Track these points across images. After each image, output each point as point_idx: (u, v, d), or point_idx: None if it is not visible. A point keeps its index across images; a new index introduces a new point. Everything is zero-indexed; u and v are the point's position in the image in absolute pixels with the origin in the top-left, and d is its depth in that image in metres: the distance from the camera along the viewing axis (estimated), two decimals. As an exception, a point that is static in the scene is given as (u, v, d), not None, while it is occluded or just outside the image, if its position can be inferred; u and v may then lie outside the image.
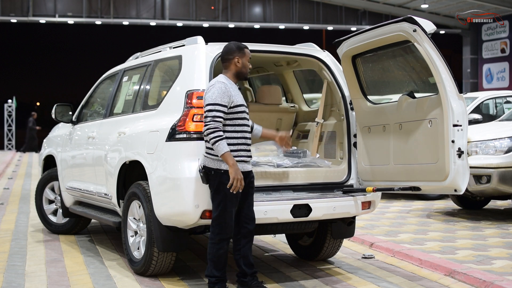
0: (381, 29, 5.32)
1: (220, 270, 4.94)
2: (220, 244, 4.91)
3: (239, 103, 4.89)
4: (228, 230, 4.90)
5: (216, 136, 4.71)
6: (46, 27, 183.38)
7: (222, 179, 4.81)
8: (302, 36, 24.50)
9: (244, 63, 5.00)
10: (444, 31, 33.53)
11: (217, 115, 4.76)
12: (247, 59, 5.01)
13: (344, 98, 5.87)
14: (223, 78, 4.95)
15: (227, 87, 4.86)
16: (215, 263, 4.92)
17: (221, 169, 4.82)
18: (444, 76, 4.95)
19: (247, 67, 5.02)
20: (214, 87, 4.84)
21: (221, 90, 4.82)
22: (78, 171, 7.18)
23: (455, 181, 4.97)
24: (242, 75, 5.02)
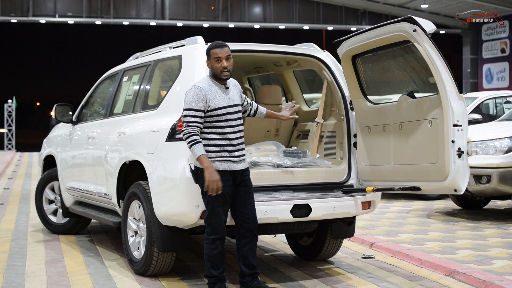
0: (381, 29, 5.32)
1: (218, 270, 4.93)
2: (213, 244, 4.88)
3: (217, 106, 4.83)
4: (220, 229, 4.87)
5: (191, 141, 4.73)
6: (46, 27, 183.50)
7: None
8: (302, 36, 24.50)
9: (212, 64, 4.89)
10: (444, 31, 33.54)
11: (191, 120, 4.77)
12: (214, 60, 4.86)
13: (344, 98, 5.87)
14: (204, 81, 4.92)
15: (203, 91, 4.81)
16: (211, 263, 4.91)
17: None
18: (444, 76, 4.95)
19: (218, 68, 4.85)
20: (190, 91, 4.85)
21: (196, 95, 4.80)
22: (78, 171, 7.18)
23: (455, 181, 4.97)
24: (216, 77, 4.91)
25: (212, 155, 4.83)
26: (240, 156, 4.94)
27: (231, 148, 4.88)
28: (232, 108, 4.92)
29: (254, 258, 5.08)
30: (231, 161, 4.88)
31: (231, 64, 4.91)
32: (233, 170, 4.89)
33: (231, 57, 4.93)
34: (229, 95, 4.94)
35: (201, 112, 4.80)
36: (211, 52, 4.89)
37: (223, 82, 4.95)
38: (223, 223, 4.89)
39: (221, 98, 4.88)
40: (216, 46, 4.90)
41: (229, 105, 4.90)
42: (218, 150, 4.85)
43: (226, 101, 4.90)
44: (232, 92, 4.99)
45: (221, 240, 4.91)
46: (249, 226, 4.99)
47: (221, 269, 4.95)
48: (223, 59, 4.86)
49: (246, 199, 4.98)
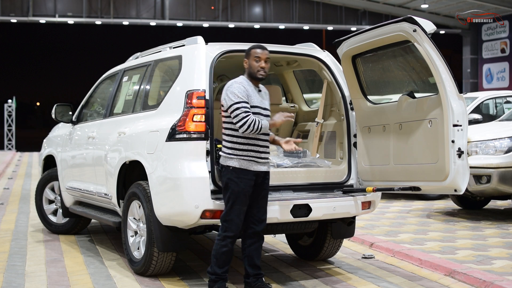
0: (381, 29, 5.32)
1: (222, 268, 4.93)
2: (224, 241, 4.89)
3: (253, 104, 4.91)
4: (234, 228, 4.88)
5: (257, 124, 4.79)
6: (46, 27, 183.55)
7: (230, 176, 4.85)
8: (302, 36, 24.50)
9: (250, 63, 4.99)
10: (444, 31, 33.55)
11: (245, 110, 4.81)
12: (253, 59, 4.98)
13: (344, 98, 5.87)
14: (240, 79, 5.02)
15: (244, 86, 4.93)
16: (217, 260, 4.92)
17: (229, 166, 4.86)
18: (444, 76, 4.95)
19: (255, 67, 4.96)
20: (231, 87, 4.92)
21: (240, 89, 4.90)
22: (78, 171, 7.18)
23: (455, 181, 4.97)
24: (252, 76, 5.00)
25: (239, 152, 4.87)
26: (265, 158, 4.98)
27: (258, 149, 4.92)
28: (263, 110, 4.99)
29: (259, 259, 5.09)
30: (256, 161, 4.91)
31: (268, 67, 5.02)
32: (256, 171, 4.91)
33: (269, 61, 5.04)
34: (260, 98, 5.03)
35: (247, 104, 4.86)
36: (252, 52, 5.00)
37: (257, 83, 5.03)
38: (239, 223, 4.89)
39: (256, 97, 4.97)
40: (258, 47, 5.04)
41: (261, 106, 4.99)
42: (245, 149, 4.88)
43: (259, 101, 4.99)
44: (264, 98, 5.09)
45: (232, 239, 4.90)
46: (257, 229, 5.00)
47: (225, 268, 4.95)
48: (262, 60, 4.97)
49: (262, 202, 5.01)
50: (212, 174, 5.13)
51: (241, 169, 4.85)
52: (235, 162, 4.86)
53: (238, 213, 4.88)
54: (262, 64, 4.96)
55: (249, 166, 4.88)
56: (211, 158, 5.14)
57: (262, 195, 5.01)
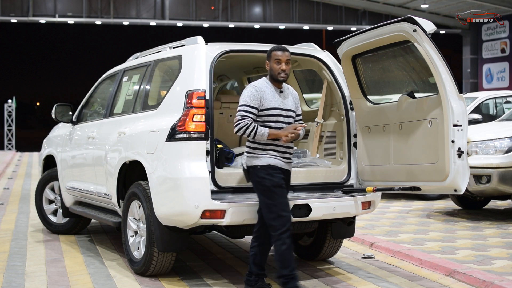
0: (381, 29, 5.32)
1: (287, 268, 4.84)
2: (280, 239, 4.81)
3: (270, 106, 4.92)
4: (284, 222, 4.80)
5: (252, 128, 4.82)
6: (46, 27, 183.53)
7: (260, 174, 4.87)
8: (302, 36, 24.49)
9: (271, 66, 4.99)
10: (444, 31, 33.55)
11: (245, 114, 4.86)
12: (274, 62, 4.97)
13: (344, 98, 5.87)
14: (260, 81, 5.03)
15: (258, 90, 4.93)
16: (281, 262, 4.86)
17: (257, 165, 4.88)
18: (444, 76, 4.95)
19: (276, 70, 4.96)
20: (246, 90, 4.97)
21: (251, 93, 4.92)
22: (78, 171, 7.18)
23: (455, 181, 4.97)
24: (274, 78, 5.00)
25: (263, 152, 4.90)
26: (289, 159, 5.02)
27: (280, 149, 4.94)
28: (284, 112, 4.98)
29: (266, 258, 5.08)
30: (281, 160, 4.95)
31: (289, 68, 5.01)
32: (283, 168, 4.96)
33: (290, 62, 5.04)
34: (283, 99, 5.02)
35: (254, 109, 4.89)
36: (272, 54, 5.00)
37: (279, 85, 5.03)
38: (287, 215, 4.84)
39: (275, 99, 4.96)
40: (278, 49, 5.02)
41: (282, 108, 4.97)
42: (268, 149, 4.91)
43: (279, 103, 4.98)
44: (288, 98, 5.07)
45: (287, 233, 4.82)
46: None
47: (291, 266, 4.85)
48: (283, 62, 4.97)
49: None
50: (212, 174, 5.13)
51: (270, 165, 4.88)
52: (263, 159, 4.88)
53: (282, 207, 4.83)
54: (282, 66, 4.96)
55: (277, 163, 4.90)
56: (211, 158, 5.14)
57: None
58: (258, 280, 5.03)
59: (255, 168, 4.90)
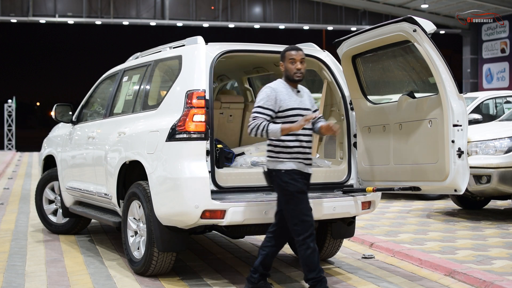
0: (381, 29, 5.32)
1: (314, 271, 4.84)
2: (304, 244, 4.81)
3: (289, 106, 4.86)
4: (308, 227, 4.80)
5: (263, 126, 4.75)
6: (46, 27, 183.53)
7: (284, 179, 4.82)
8: (302, 36, 24.48)
9: (286, 66, 4.96)
10: (444, 31, 33.56)
11: (258, 116, 4.81)
12: (289, 62, 4.94)
13: (344, 98, 5.87)
14: (277, 82, 5.00)
15: (274, 91, 4.88)
16: (307, 266, 4.84)
17: (281, 169, 4.83)
18: (444, 76, 4.95)
19: (291, 70, 4.93)
20: (261, 91, 4.94)
21: (266, 94, 4.88)
22: (78, 171, 7.18)
23: (455, 181, 4.97)
24: (290, 78, 4.96)
25: (287, 156, 4.84)
26: (309, 160, 4.96)
27: (303, 150, 4.89)
28: (303, 111, 4.92)
29: (273, 260, 5.07)
30: (304, 163, 4.89)
31: (304, 67, 4.97)
32: (306, 172, 4.90)
33: (305, 62, 5.01)
34: (301, 99, 4.98)
35: (269, 111, 4.83)
36: (286, 54, 4.97)
37: (295, 85, 4.99)
38: (310, 219, 4.83)
39: (293, 99, 4.92)
40: (292, 48, 5.00)
41: (301, 107, 4.92)
42: (291, 152, 4.85)
43: (298, 103, 4.93)
44: (304, 97, 5.03)
45: (311, 238, 4.82)
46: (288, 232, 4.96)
47: (318, 269, 4.85)
48: (298, 61, 4.94)
49: None
50: (212, 174, 5.13)
51: (293, 170, 4.83)
52: (286, 164, 4.83)
53: (305, 212, 4.82)
54: (298, 65, 4.93)
55: (299, 167, 4.85)
56: (211, 158, 5.14)
57: None
58: (261, 279, 5.03)
59: (279, 172, 4.85)
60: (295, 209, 4.81)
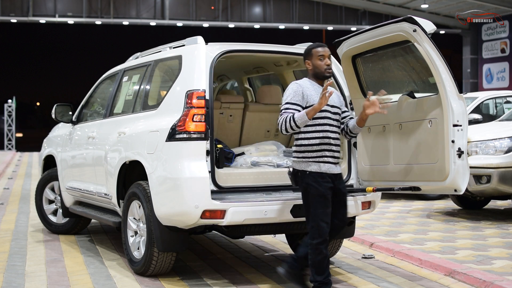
0: (381, 29, 5.32)
1: (322, 275, 4.84)
2: (317, 249, 4.80)
3: (316, 102, 4.75)
4: (322, 233, 4.78)
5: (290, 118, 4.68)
6: (46, 27, 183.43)
7: (308, 181, 4.79)
8: (302, 36, 24.52)
9: (314, 63, 4.90)
10: (444, 31, 33.55)
11: (285, 111, 4.77)
12: (317, 59, 4.89)
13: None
14: (303, 80, 4.97)
15: (300, 87, 4.84)
16: (316, 268, 4.83)
17: (306, 171, 4.80)
18: (444, 76, 4.95)
19: (321, 66, 4.87)
20: (288, 88, 4.91)
21: (293, 90, 4.85)
22: (78, 171, 7.18)
23: (455, 181, 4.96)
24: (320, 75, 4.90)
25: (313, 154, 4.80)
26: (337, 158, 4.91)
27: (329, 148, 4.84)
28: (331, 108, 4.88)
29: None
30: (331, 162, 4.83)
31: (331, 63, 4.96)
32: (332, 173, 4.85)
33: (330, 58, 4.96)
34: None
35: (296, 106, 4.78)
36: (314, 52, 4.91)
37: (321, 82, 4.93)
38: (326, 226, 4.80)
39: (318, 96, 4.79)
40: (318, 45, 4.95)
41: (328, 104, 4.83)
42: (319, 149, 4.81)
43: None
44: (332, 95, 4.89)
45: (324, 244, 4.81)
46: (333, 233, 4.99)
47: (326, 273, 4.86)
48: (326, 57, 4.90)
49: (338, 208, 4.93)
50: (212, 174, 5.13)
51: (318, 173, 4.78)
52: (312, 166, 4.79)
53: (322, 217, 4.79)
54: (327, 61, 4.88)
55: (326, 169, 4.80)
56: (211, 158, 5.14)
57: (342, 197, 4.95)
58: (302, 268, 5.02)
59: (304, 173, 4.81)
60: (313, 212, 4.80)
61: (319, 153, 4.81)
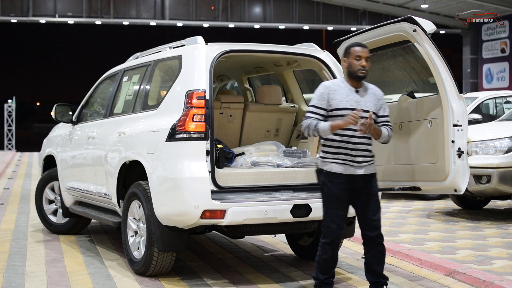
0: (381, 29, 5.32)
1: (325, 274, 4.82)
2: (324, 248, 4.78)
3: (339, 106, 4.71)
4: (330, 234, 4.76)
5: (314, 126, 4.68)
6: (46, 27, 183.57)
7: (324, 180, 4.79)
8: (302, 36, 24.51)
9: (350, 62, 4.78)
10: (444, 31, 33.55)
11: (309, 115, 4.76)
12: (354, 58, 4.74)
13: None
14: (335, 80, 4.92)
15: (327, 89, 4.77)
16: (320, 266, 4.82)
17: (323, 169, 4.80)
18: (444, 76, 4.95)
19: (355, 66, 4.72)
20: (316, 90, 4.85)
21: (319, 92, 4.80)
22: (78, 171, 7.18)
23: (455, 181, 4.97)
24: (353, 75, 4.77)
25: (329, 155, 4.76)
26: (362, 162, 4.76)
27: (349, 152, 4.73)
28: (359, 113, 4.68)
29: (379, 265, 4.87)
30: (350, 165, 4.74)
31: (369, 66, 4.79)
32: (350, 174, 4.75)
33: (370, 60, 4.83)
34: (358, 99, 4.76)
35: (320, 110, 4.75)
36: (352, 50, 4.80)
37: (357, 84, 4.79)
38: (335, 228, 4.76)
39: (346, 99, 4.73)
40: (358, 45, 4.83)
41: (354, 108, 4.69)
42: (336, 152, 4.74)
43: (351, 103, 4.72)
44: (365, 98, 4.79)
45: (331, 245, 4.78)
46: (370, 234, 4.84)
47: (329, 274, 4.84)
48: (363, 58, 4.75)
49: (366, 207, 4.83)
50: (212, 174, 5.13)
51: (332, 173, 4.74)
52: (328, 165, 4.77)
53: (332, 218, 4.76)
54: (363, 62, 4.73)
55: (342, 170, 4.73)
56: (211, 158, 5.13)
57: (368, 199, 4.81)
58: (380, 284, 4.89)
59: (322, 172, 4.81)
60: (325, 211, 4.80)
61: (335, 155, 4.75)
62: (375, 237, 4.82)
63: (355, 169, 4.74)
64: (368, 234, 4.83)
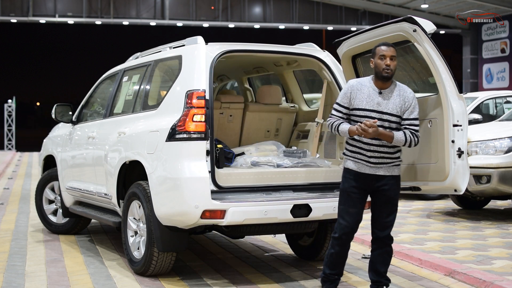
0: (381, 29, 5.32)
1: (331, 270, 4.88)
2: (332, 242, 4.86)
3: (358, 106, 4.72)
4: (338, 229, 4.81)
5: (335, 126, 4.78)
6: (46, 27, 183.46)
7: (342, 174, 4.89)
8: (302, 36, 24.50)
9: (376, 62, 4.73)
10: (444, 31, 33.55)
11: (333, 113, 4.85)
12: (378, 58, 4.71)
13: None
14: (361, 79, 4.93)
15: (350, 88, 4.80)
16: (327, 259, 4.92)
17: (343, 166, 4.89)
18: (444, 76, 4.95)
19: (380, 65, 4.69)
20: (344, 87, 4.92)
21: (344, 91, 4.86)
22: (78, 171, 7.18)
23: (455, 181, 4.96)
24: (378, 75, 4.74)
25: (348, 153, 4.84)
26: (377, 164, 4.74)
27: (367, 153, 4.74)
28: (376, 114, 4.69)
29: (383, 266, 4.91)
30: (364, 164, 4.77)
31: (394, 65, 4.72)
32: (364, 173, 4.77)
33: (396, 59, 4.76)
34: (380, 100, 4.72)
35: (343, 108, 4.81)
36: (377, 50, 4.78)
37: (382, 85, 4.75)
38: (344, 224, 4.78)
39: (367, 100, 4.72)
40: (383, 44, 4.81)
41: (375, 110, 4.69)
42: (353, 150, 4.81)
43: (372, 104, 4.71)
44: (390, 100, 4.73)
45: (338, 241, 4.81)
46: (379, 235, 4.87)
47: (335, 271, 4.88)
48: (388, 57, 4.71)
49: (380, 207, 4.85)
50: (212, 174, 5.13)
51: (347, 169, 4.83)
52: (346, 162, 4.87)
53: (342, 214, 4.81)
54: (387, 61, 4.68)
55: (355, 168, 4.78)
56: (211, 158, 5.14)
57: (382, 200, 4.82)
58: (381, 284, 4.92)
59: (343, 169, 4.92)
60: (338, 206, 4.89)
61: (353, 154, 4.82)
62: (384, 237, 4.87)
63: (369, 168, 4.78)
64: (377, 234, 4.88)
